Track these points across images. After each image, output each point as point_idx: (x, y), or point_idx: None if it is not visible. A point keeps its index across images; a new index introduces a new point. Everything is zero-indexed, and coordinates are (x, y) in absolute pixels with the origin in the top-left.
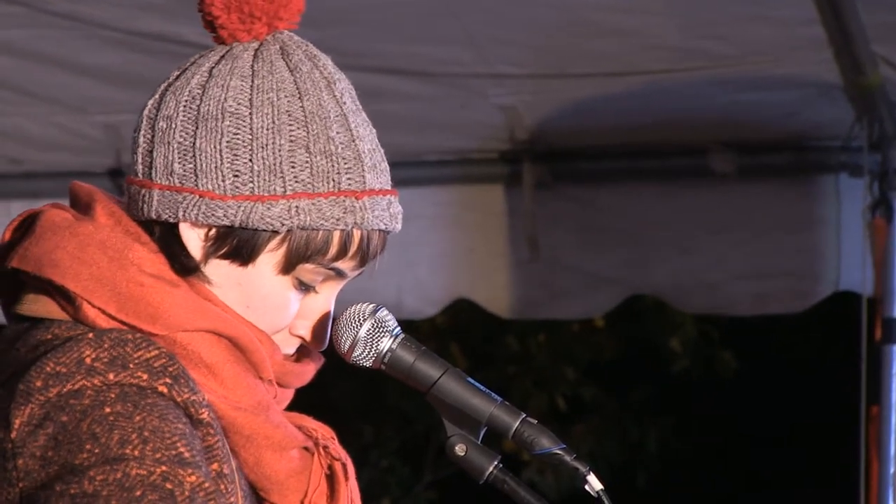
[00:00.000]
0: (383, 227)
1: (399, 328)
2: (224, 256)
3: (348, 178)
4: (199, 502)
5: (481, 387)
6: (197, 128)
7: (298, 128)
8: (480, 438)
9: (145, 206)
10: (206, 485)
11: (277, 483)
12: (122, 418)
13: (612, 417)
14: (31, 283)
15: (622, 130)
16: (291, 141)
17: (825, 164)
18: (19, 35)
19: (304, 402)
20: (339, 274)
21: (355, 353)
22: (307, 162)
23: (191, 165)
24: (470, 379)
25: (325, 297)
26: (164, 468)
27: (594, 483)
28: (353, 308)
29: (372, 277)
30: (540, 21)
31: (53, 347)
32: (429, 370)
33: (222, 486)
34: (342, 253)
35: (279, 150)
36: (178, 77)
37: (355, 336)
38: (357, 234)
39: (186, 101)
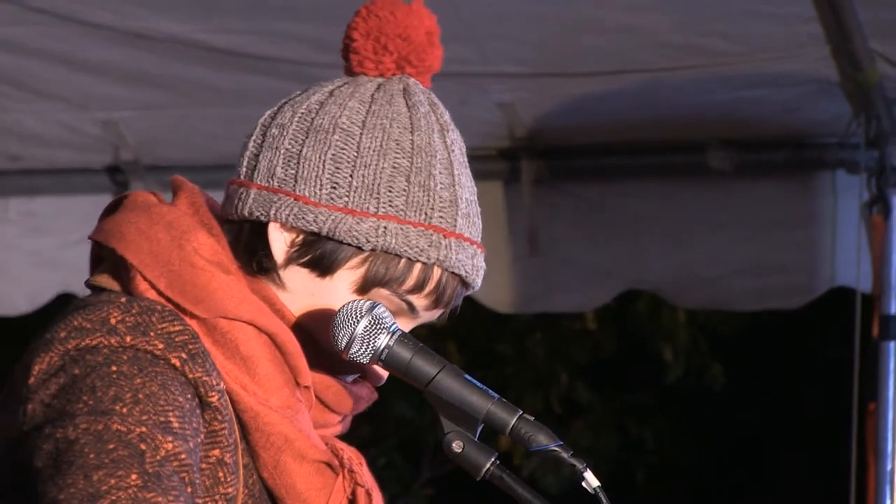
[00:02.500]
0: (464, 273)
1: (396, 325)
2: (305, 264)
3: (440, 216)
4: (168, 469)
5: (478, 384)
6: (307, 137)
7: (404, 157)
8: (477, 435)
9: (240, 203)
10: (183, 456)
11: (295, 493)
12: (123, 377)
13: (608, 416)
14: (107, 257)
15: (621, 127)
16: (394, 167)
17: (822, 161)
18: (19, 32)
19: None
20: (412, 310)
21: (352, 350)
22: (405, 190)
23: (293, 171)
24: (467, 376)
25: None
26: (143, 429)
27: (591, 479)
28: (349, 305)
29: None
30: (539, 18)
31: (87, 305)
32: (426, 367)
33: (220, 474)
34: (419, 287)
35: (380, 173)
36: (299, 94)
37: (352, 333)
38: (436, 272)
39: (303, 113)
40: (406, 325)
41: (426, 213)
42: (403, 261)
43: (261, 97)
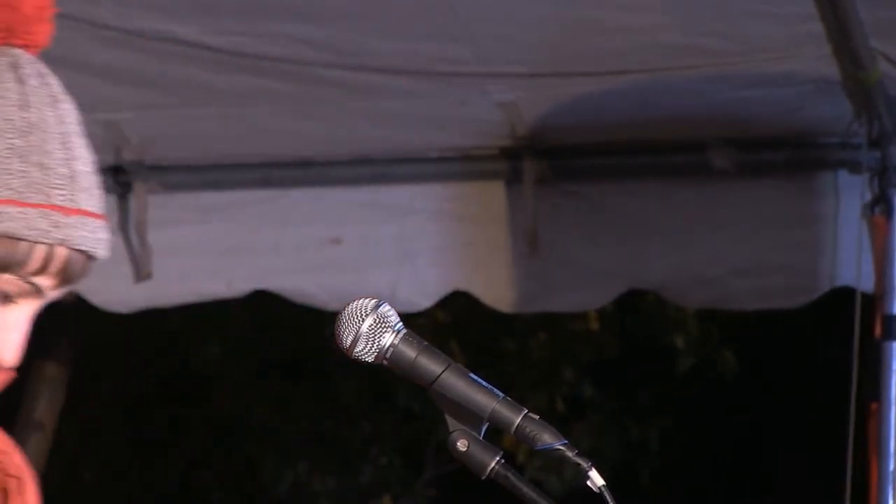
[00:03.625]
0: (87, 248)
1: (401, 324)
2: None
3: (60, 194)
4: None
5: (484, 382)
6: None
7: (17, 137)
8: (483, 434)
9: None
10: None
11: None
12: None
13: (612, 415)
14: None
15: (622, 127)
16: (8, 148)
17: (824, 161)
18: None
19: (307, 396)
20: (38, 291)
21: (357, 349)
22: (21, 171)
23: None
24: (472, 374)
25: (21, 313)
26: None
27: (596, 479)
28: (355, 303)
29: (369, 268)
30: (539, 18)
31: None
32: (431, 365)
33: None
34: (43, 268)
35: None
36: None
37: (357, 331)
38: (60, 252)
39: None
40: (32, 306)
41: (45, 194)
42: (25, 244)
43: (260, 97)
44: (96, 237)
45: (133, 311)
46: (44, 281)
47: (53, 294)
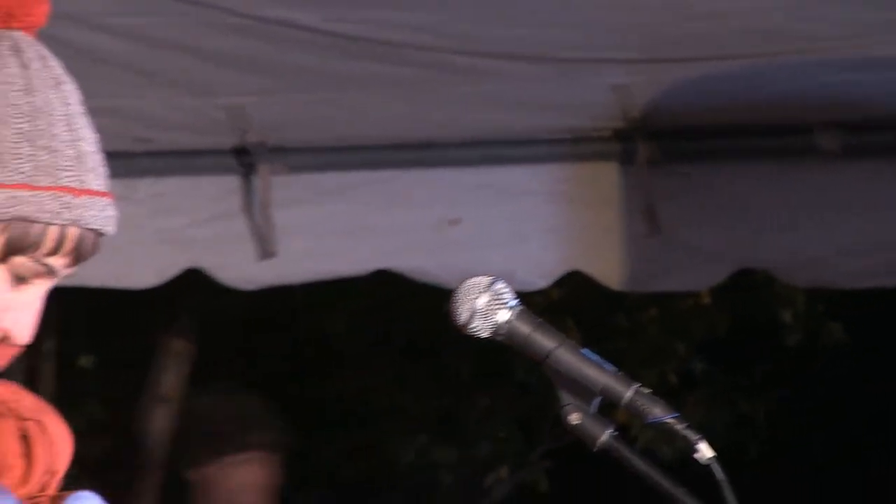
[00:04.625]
0: (97, 226)
1: (516, 300)
2: None
3: (68, 175)
4: None
5: (595, 358)
6: None
7: (24, 122)
8: (595, 408)
9: None
10: None
11: None
12: None
13: (722, 391)
14: None
15: (730, 110)
16: (17, 133)
17: None
18: (145, 22)
19: (425, 373)
20: (51, 272)
21: (473, 325)
22: (31, 155)
23: None
24: (584, 350)
25: (34, 294)
26: None
27: (705, 451)
28: (470, 281)
29: (486, 248)
30: (650, 4)
31: None
32: (544, 341)
33: None
34: (56, 249)
35: (4, 141)
36: None
37: (473, 308)
38: (72, 232)
39: None
40: (45, 285)
41: (55, 176)
42: (38, 226)
43: (379, 82)
44: (105, 215)
45: (258, 288)
46: (57, 261)
47: (65, 273)
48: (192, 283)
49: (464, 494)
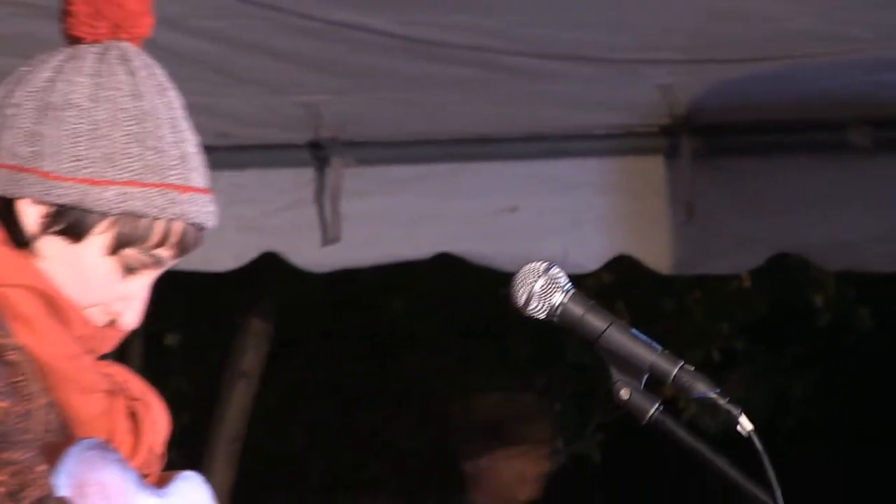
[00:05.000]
0: (200, 221)
1: (570, 284)
2: (58, 233)
3: (174, 174)
4: (9, 428)
5: (644, 337)
6: (43, 115)
7: (134, 124)
8: (643, 384)
9: None
10: (15, 412)
11: (81, 423)
12: None
13: (761, 368)
14: None
15: (769, 108)
16: (127, 135)
17: None
18: (227, 25)
19: (485, 353)
20: (158, 262)
21: (530, 307)
22: (139, 155)
23: (35, 149)
24: (633, 330)
25: (142, 283)
26: None
27: (745, 424)
28: (528, 266)
29: (542, 234)
30: (694, 9)
31: None
32: (596, 322)
33: (20, 422)
34: (162, 242)
35: (115, 142)
36: (27, 71)
37: (530, 291)
38: (177, 226)
39: (34, 91)
40: (152, 275)
41: (162, 174)
42: (146, 220)
43: (444, 81)
44: (207, 210)
45: (326, 272)
46: (162, 253)
47: (170, 264)
48: (274, 268)
49: None
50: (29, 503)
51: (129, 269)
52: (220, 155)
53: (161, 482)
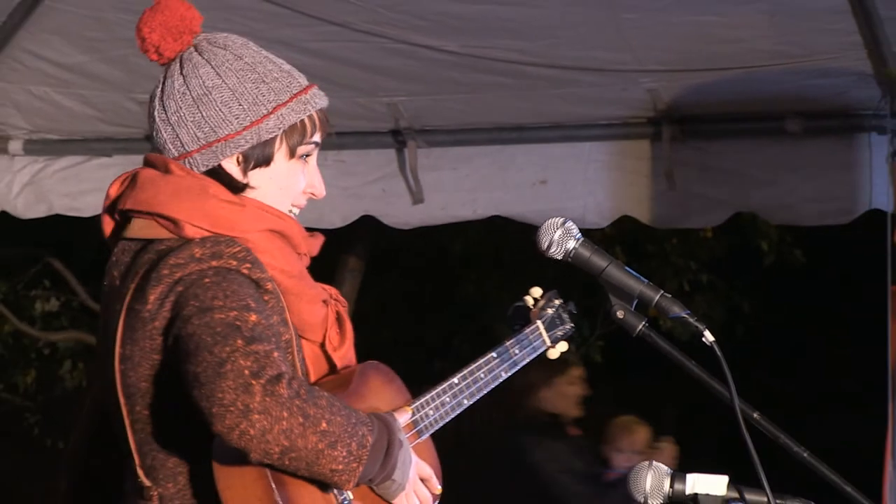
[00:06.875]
0: (324, 104)
1: (580, 234)
2: (256, 166)
3: (294, 85)
4: (258, 331)
5: (634, 273)
6: (198, 105)
7: (251, 72)
8: (633, 307)
9: (194, 167)
10: (262, 322)
11: (311, 325)
12: (214, 285)
13: (721, 295)
14: (139, 217)
15: (730, 104)
16: (254, 82)
17: (861, 126)
18: (331, 46)
19: (516, 287)
20: (317, 144)
21: (550, 251)
22: (269, 89)
23: (207, 126)
24: (627, 268)
25: (314, 161)
26: (235, 312)
27: (709, 336)
28: (549, 221)
29: (565, 199)
30: (676, 34)
31: (172, 249)
32: (600, 261)
33: (281, 329)
34: (314, 129)
35: (251, 90)
36: (165, 87)
37: (551, 239)
38: (317, 114)
39: (180, 95)
40: (316, 155)
41: (290, 90)
42: (300, 122)
43: (490, 86)
44: (322, 95)
45: (411, 228)
46: (317, 136)
47: (320, 140)
48: (368, 225)
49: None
50: (265, 379)
51: (307, 156)
52: (328, 140)
53: (350, 374)
